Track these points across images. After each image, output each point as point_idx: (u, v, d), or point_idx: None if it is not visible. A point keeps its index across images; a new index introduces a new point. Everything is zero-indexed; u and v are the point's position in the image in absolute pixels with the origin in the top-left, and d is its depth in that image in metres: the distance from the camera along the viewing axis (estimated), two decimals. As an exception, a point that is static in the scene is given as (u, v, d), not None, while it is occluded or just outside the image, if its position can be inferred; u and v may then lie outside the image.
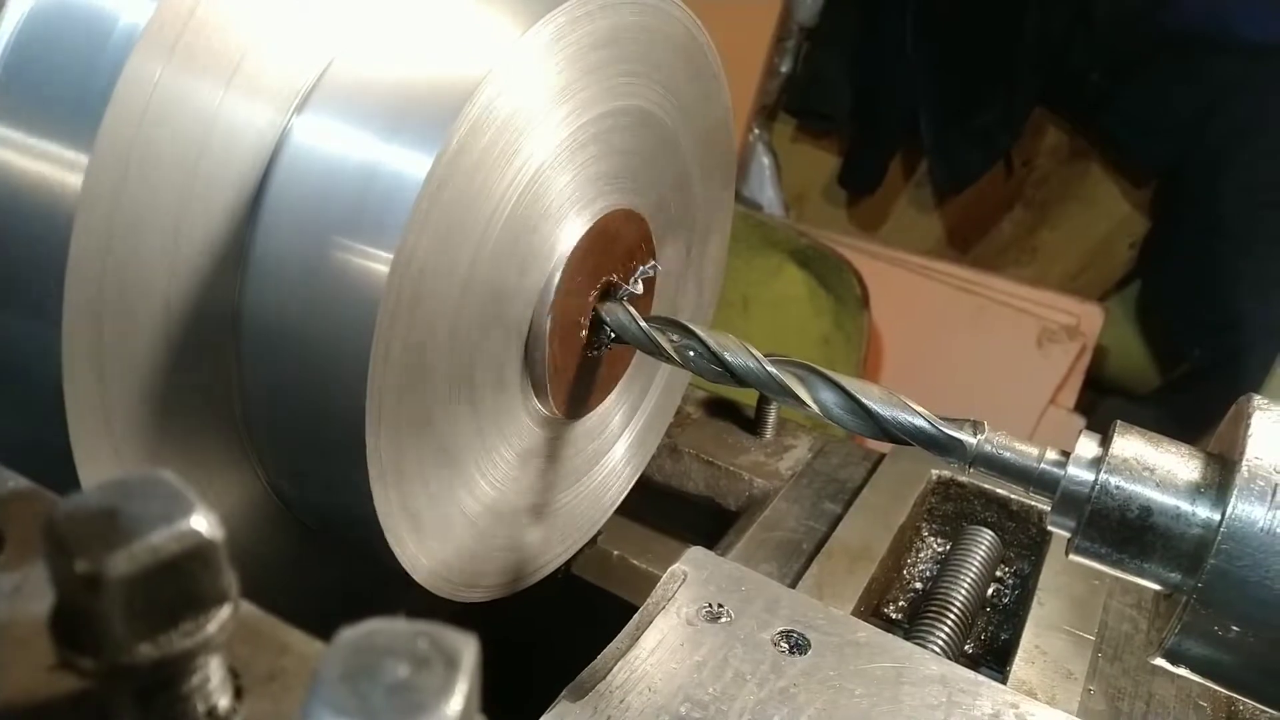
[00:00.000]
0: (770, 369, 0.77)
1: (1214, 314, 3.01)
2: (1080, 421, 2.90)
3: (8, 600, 0.43)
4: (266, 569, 0.83)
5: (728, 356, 0.78)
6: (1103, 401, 3.13)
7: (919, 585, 1.13)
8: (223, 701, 0.39)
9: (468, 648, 0.32)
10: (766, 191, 3.47)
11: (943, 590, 1.02)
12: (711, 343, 0.79)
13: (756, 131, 3.43)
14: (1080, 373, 3.01)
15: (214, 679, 0.38)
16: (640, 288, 0.87)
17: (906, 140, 3.49)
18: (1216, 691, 0.91)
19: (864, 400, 0.73)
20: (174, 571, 0.35)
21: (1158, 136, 3.16)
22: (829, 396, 0.74)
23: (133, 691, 0.36)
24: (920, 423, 0.71)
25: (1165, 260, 3.26)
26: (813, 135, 3.63)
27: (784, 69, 3.46)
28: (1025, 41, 3.18)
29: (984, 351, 3.00)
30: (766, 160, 3.48)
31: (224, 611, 0.37)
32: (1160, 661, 0.66)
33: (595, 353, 0.87)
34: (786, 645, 0.80)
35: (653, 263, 0.89)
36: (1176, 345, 3.20)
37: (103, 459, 0.68)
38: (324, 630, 0.36)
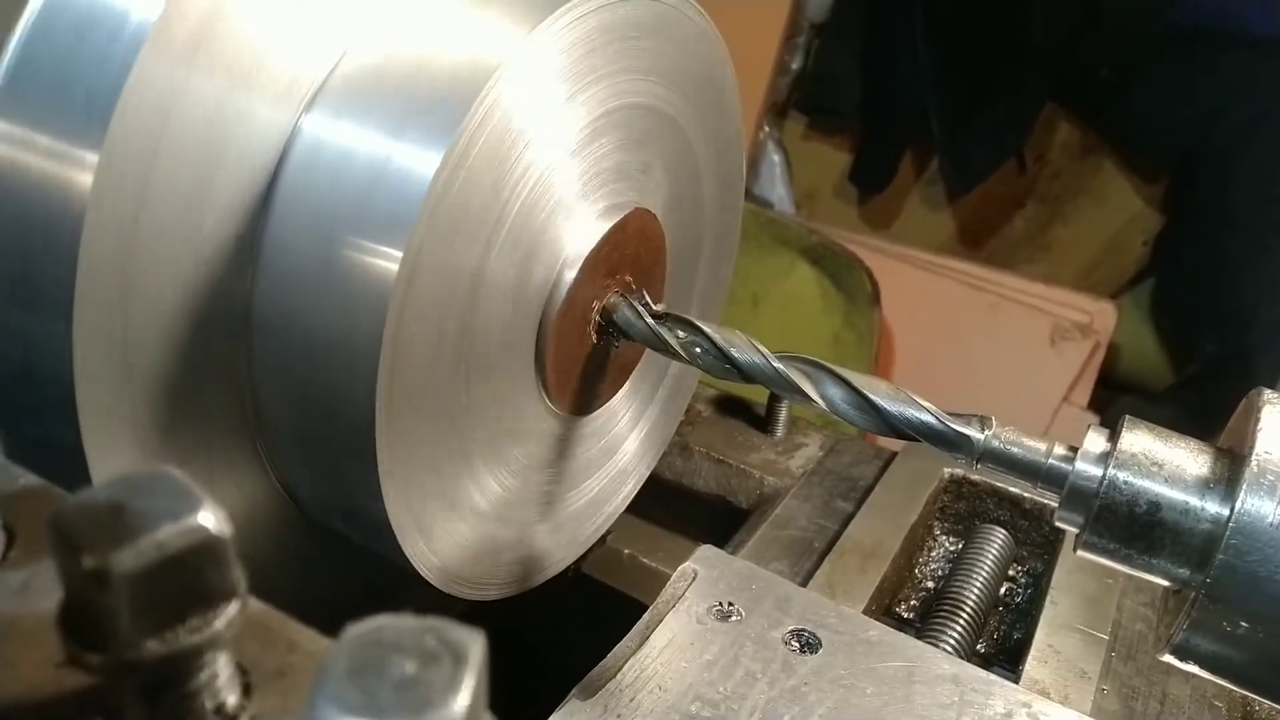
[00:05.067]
0: (777, 365, 0.77)
1: (1226, 309, 2.99)
2: (1094, 419, 2.89)
3: (16, 597, 0.43)
4: (276, 566, 0.84)
5: (735, 353, 0.78)
6: (1116, 399, 3.11)
7: (931, 584, 1.13)
8: (231, 698, 0.39)
9: (475, 644, 0.32)
10: (777, 189, 3.47)
11: (955, 589, 1.02)
12: (718, 339, 0.79)
13: (767, 129, 3.43)
14: (1094, 370, 2.99)
15: (222, 675, 0.38)
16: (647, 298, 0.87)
17: (917, 137, 3.48)
18: (1232, 691, 0.91)
19: (871, 396, 0.73)
20: (181, 567, 0.35)
21: (1168, 132, 3.15)
22: (836, 392, 0.74)
23: (140, 688, 0.36)
24: (927, 418, 0.71)
25: (1179, 256, 3.24)
26: (823, 132, 3.62)
27: (795, 66, 3.45)
28: (1033, 39, 3.17)
29: (996, 349, 2.98)
30: (777, 158, 3.47)
31: (232, 608, 0.37)
32: (1168, 658, 0.65)
33: (604, 349, 0.87)
34: (797, 644, 0.80)
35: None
36: (1190, 341, 3.18)
37: (114, 456, 0.68)
38: (333, 627, 0.36)
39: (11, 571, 0.45)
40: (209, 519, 0.36)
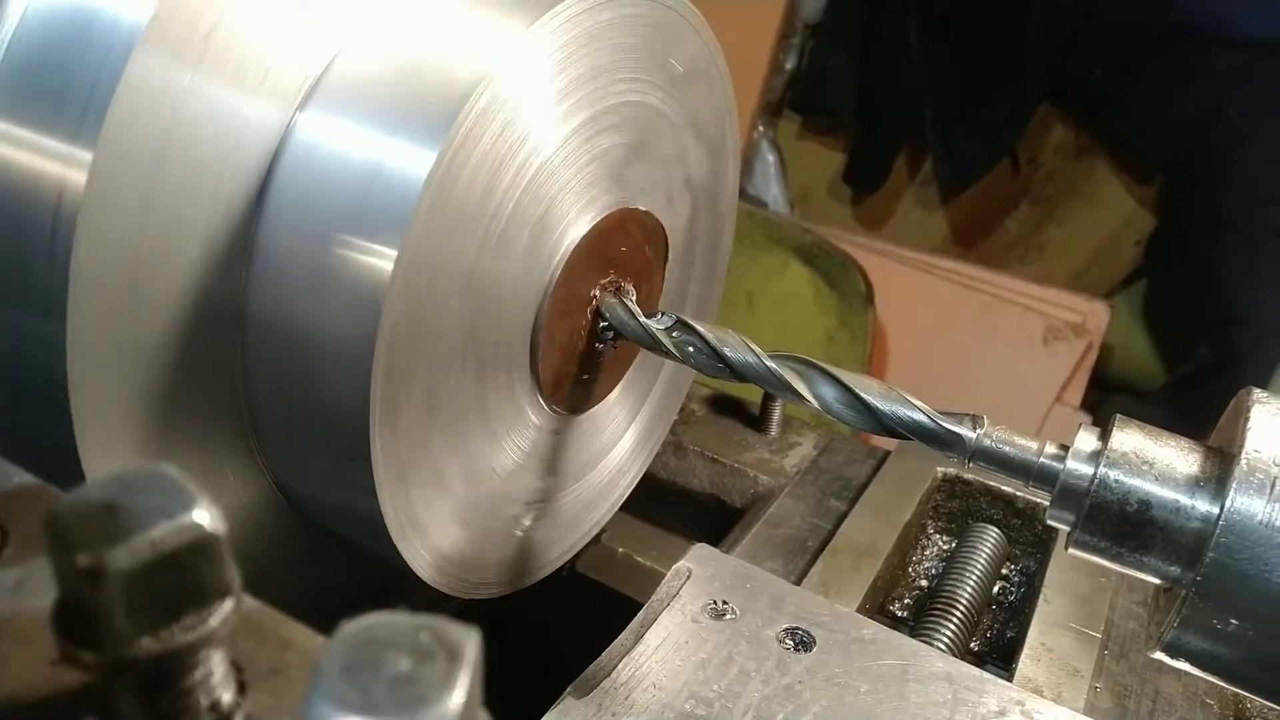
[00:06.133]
0: (770, 364, 0.77)
1: (1220, 310, 3.00)
2: (1086, 419, 2.89)
3: (11, 595, 0.43)
4: (271, 564, 0.84)
5: (727, 352, 0.78)
6: (1109, 399, 3.12)
7: (925, 583, 1.13)
8: (226, 696, 0.39)
9: (469, 640, 0.32)
10: (771, 189, 3.47)
11: (948, 588, 1.02)
12: (711, 338, 0.79)
13: (761, 129, 3.43)
14: (1086, 370, 3.00)
15: (217, 673, 0.38)
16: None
17: (912, 137, 3.49)
18: (1224, 689, 0.91)
19: (862, 395, 0.73)
20: (175, 565, 0.35)
21: (1163, 133, 3.15)
22: (828, 391, 0.74)
23: (135, 685, 0.36)
24: (919, 417, 0.71)
25: (1171, 257, 3.25)
26: (818, 132, 3.62)
27: (789, 66, 3.46)
28: (1030, 38, 3.18)
29: (990, 349, 2.99)
30: (771, 157, 3.48)
31: (226, 606, 0.37)
32: (1159, 655, 0.66)
33: (598, 348, 0.87)
34: (791, 642, 0.80)
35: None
36: (1183, 342, 3.19)
37: (108, 454, 0.68)
38: (328, 626, 0.36)
39: (6, 570, 0.44)
40: (204, 516, 0.36)
